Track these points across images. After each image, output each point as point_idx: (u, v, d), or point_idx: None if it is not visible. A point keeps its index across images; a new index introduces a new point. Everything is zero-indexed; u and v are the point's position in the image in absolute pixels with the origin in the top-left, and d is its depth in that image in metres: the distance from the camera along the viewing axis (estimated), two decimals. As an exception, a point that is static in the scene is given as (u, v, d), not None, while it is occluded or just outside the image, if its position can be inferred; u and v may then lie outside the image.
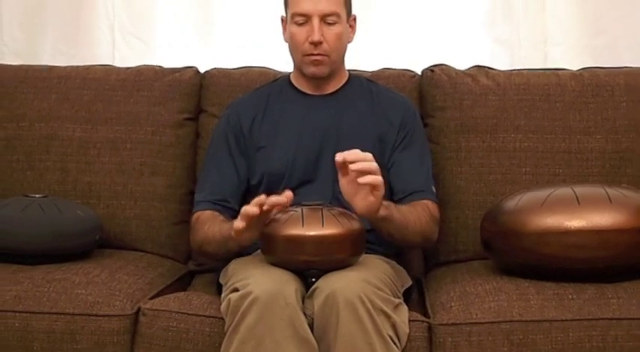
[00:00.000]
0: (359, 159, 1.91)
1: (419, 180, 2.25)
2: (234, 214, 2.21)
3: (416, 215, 2.14)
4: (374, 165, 1.91)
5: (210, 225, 2.16)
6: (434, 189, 2.27)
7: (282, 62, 2.59)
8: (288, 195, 1.92)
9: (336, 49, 2.24)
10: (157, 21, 2.99)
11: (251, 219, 1.90)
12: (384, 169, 2.23)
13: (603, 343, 1.90)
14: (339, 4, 2.22)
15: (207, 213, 2.22)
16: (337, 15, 2.21)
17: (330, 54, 2.22)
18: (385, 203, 2.00)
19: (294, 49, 2.26)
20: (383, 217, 2.01)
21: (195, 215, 2.25)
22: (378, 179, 1.91)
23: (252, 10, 2.95)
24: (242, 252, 2.15)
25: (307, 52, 2.22)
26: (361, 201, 1.95)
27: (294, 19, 2.22)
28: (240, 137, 2.29)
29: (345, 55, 2.31)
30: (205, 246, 2.17)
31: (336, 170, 2.20)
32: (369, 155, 1.92)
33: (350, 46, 2.31)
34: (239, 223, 1.92)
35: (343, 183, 1.96)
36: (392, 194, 2.25)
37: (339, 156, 1.91)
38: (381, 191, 1.94)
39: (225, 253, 2.12)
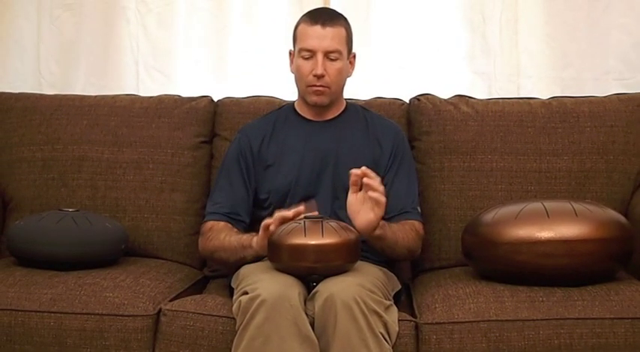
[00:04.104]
0: (372, 177, 1.97)
1: (407, 201, 2.26)
2: (244, 226, 2.24)
3: (404, 233, 2.16)
4: (381, 187, 1.97)
5: (226, 234, 2.16)
6: (419, 209, 2.28)
7: (286, 92, 2.62)
8: (300, 209, 1.98)
9: (337, 81, 2.25)
10: (176, 56, 2.98)
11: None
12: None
13: (570, 340, 1.90)
14: (342, 43, 2.23)
15: (222, 224, 2.22)
16: (339, 52, 2.22)
17: (330, 86, 2.23)
18: (381, 223, 2.02)
19: (299, 79, 2.27)
20: (378, 236, 2.03)
21: (209, 224, 2.24)
22: (382, 197, 1.96)
23: (259, 48, 2.95)
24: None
25: (311, 83, 2.23)
26: (362, 218, 1.97)
27: (300, 53, 2.24)
28: (250, 157, 2.30)
29: (344, 87, 2.32)
30: (219, 252, 2.17)
31: (335, 187, 2.22)
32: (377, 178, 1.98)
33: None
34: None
35: (351, 199, 1.99)
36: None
37: (359, 171, 1.96)
38: (382, 209, 1.97)
39: (237, 261, 2.13)
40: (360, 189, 1.99)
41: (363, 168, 1.97)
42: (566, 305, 1.94)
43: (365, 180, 1.95)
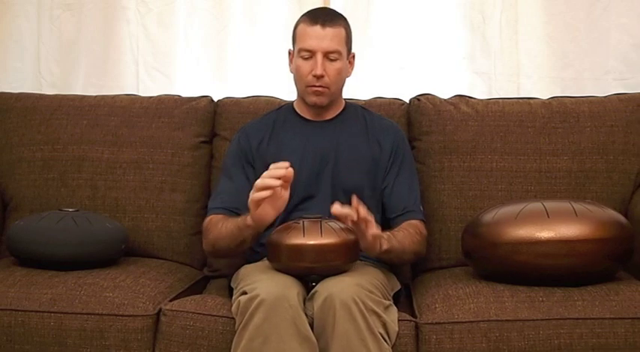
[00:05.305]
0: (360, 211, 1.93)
1: (410, 201, 2.26)
2: None
3: (410, 239, 2.15)
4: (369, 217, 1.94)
5: (223, 223, 2.13)
6: (422, 208, 2.28)
7: (285, 92, 2.62)
8: (286, 165, 1.96)
9: (336, 82, 2.25)
10: (176, 56, 2.99)
11: (269, 190, 1.93)
12: (378, 190, 2.26)
13: (570, 340, 1.90)
14: (341, 43, 2.23)
15: (220, 216, 2.19)
16: (339, 53, 2.22)
17: (330, 86, 2.23)
18: (386, 235, 2.02)
19: (298, 79, 2.27)
20: (386, 250, 2.02)
21: (208, 218, 2.22)
22: (377, 231, 1.95)
23: (258, 49, 2.95)
24: (248, 257, 2.15)
25: (310, 84, 2.23)
26: (363, 242, 1.96)
27: (300, 53, 2.23)
28: (250, 155, 2.30)
29: (343, 87, 2.32)
30: (219, 242, 2.13)
31: (334, 187, 2.23)
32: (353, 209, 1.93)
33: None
34: (259, 194, 1.93)
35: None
36: (384, 212, 2.26)
37: (341, 212, 1.93)
38: (380, 236, 1.96)
39: (237, 246, 2.09)
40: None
41: (354, 202, 1.92)
42: (566, 305, 1.94)
43: (362, 217, 1.92)
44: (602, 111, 2.49)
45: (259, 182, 1.95)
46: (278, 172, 1.95)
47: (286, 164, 1.96)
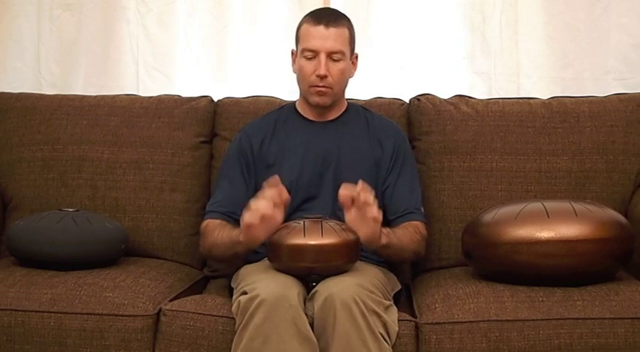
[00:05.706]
0: (367, 191, 1.92)
1: (411, 202, 2.26)
2: None
3: (409, 237, 2.15)
4: (375, 201, 1.93)
5: (219, 231, 2.14)
6: (423, 210, 2.28)
7: (286, 92, 2.62)
8: (283, 191, 1.95)
9: (339, 82, 2.24)
10: (176, 56, 2.99)
11: (262, 217, 1.91)
12: (379, 190, 2.26)
13: (570, 340, 1.90)
14: (345, 44, 2.22)
15: (217, 221, 2.20)
16: (342, 53, 2.21)
17: (333, 86, 2.23)
18: (385, 231, 2.01)
19: (301, 79, 2.26)
20: (384, 245, 2.02)
21: (205, 222, 2.23)
22: (379, 215, 1.93)
23: (258, 49, 2.96)
24: (247, 257, 2.15)
25: (313, 84, 2.23)
26: (364, 232, 1.96)
27: (303, 53, 2.23)
28: (251, 156, 2.29)
29: (346, 88, 2.32)
30: (214, 249, 2.15)
31: (336, 188, 2.21)
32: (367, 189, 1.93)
33: (347, 77, 2.33)
34: (252, 219, 1.91)
35: (349, 219, 1.97)
36: (385, 213, 2.26)
37: (349, 191, 1.92)
38: (379, 222, 1.95)
39: (231, 256, 2.11)
40: (353, 202, 1.96)
41: (359, 185, 1.93)
42: (566, 305, 1.94)
43: (363, 197, 1.92)
44: (602, 111, 2.49)
45: (253, 205, 1.94)
46: (272, 196, 1.94)
47: (282, 189, 1.96)
